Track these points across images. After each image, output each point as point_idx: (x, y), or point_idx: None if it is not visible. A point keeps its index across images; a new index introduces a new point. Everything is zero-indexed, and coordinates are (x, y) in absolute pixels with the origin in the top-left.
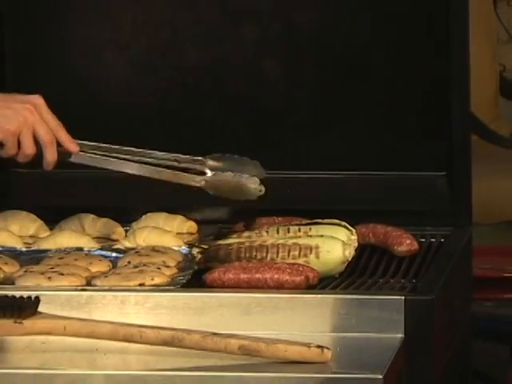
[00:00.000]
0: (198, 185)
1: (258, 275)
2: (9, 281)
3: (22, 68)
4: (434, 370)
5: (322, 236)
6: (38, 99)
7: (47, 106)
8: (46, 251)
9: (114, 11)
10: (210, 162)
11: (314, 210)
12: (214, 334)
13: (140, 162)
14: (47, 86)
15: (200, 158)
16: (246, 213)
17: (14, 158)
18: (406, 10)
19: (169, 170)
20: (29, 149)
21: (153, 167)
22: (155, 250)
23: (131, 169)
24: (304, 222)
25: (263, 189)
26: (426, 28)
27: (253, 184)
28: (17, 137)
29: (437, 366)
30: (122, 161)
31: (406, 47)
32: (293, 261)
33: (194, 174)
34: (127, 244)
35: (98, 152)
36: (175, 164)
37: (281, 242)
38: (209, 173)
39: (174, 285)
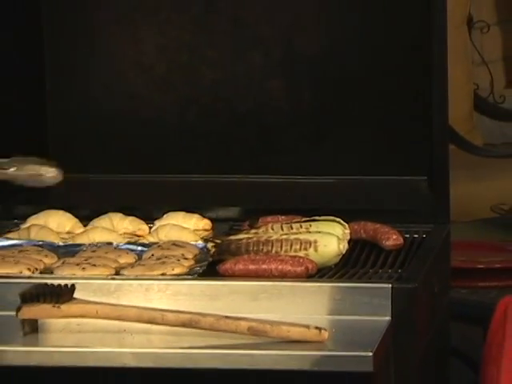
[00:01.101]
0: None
1: (264, 266)
2: (48, 271)
3: (60, 83)
4: (417, 349)
5: (319, 232)
6: None
7: None
8: (80, 245)
9: (139, 37)
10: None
11: (312, 209)
12: (226, 317)
13: None
14: (82, 99)
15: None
16: (254, 212)
17: None
18: (393, 39)
19: None
20: None
21: None
22: (175, 244)
23: None
24: (304, 219)
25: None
26: (412, 53)
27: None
28: None
29: (419, 344)
30: None
31: (393, 70)
32: (294, 254)
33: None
34: (151, 239)
35: None
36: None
37: (284, 237)
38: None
39: (191, 274)
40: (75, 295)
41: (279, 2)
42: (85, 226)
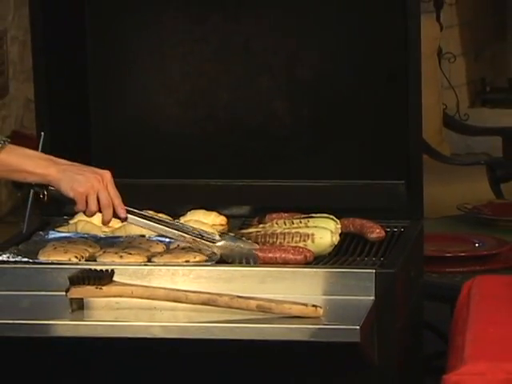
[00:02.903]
0: (216, 251)
1: (270, 254)
2: (92, 258)
3: (102, 105)
4: (396, 323)
5: (316, 226)
6: (106, 173)
7: (112, 180)
8: (118, 237)
9: (167, 65)
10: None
11: (310, 208)
12: (239, 296)
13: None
14: (120, 117)
15: (217, 235)
16: (262, 210)
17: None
18: (376, 68)
19: (198, 239)
20: (92, 207)
21: (186, 235)
22: None
23: (170, 234)
24: (303, 216)
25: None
26: (390, 80)
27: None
28: (85, 197)
29: (398, 319)
30: (162, 226)
31: (376, 94)
32: (295, 244)
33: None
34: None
35: (142, 216)
36: (198, 236)
37: (287, 231)
38: (218, 243)
39: (210, 261)
40: (114, 278)
41: (283, 36)
42: None
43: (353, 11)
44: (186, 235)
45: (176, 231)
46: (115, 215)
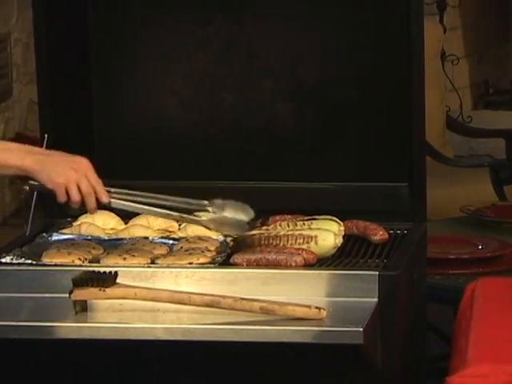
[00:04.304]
0: (205, 225)
1: (273, 257)
2: (96, 260)
3: (105, 108)
4: (399, 325)
5: (319, 228)
6: (84, 160)
7: (91, 166)
8: (122, 239)
9: (170, 68)
10: (213, 206)
11: (313, 210)
12: (242, 298)
13: (161, 206)
14: (124, 119)
15: (206, 201)
16: (265, 212)
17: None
18: (379, 69)
19: (184, 215)
20: (74, 198)
21: (173, 212)
22: (200, 238)
23: (154, 214)
24: (306, 218)
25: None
26: (393, 82)
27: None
28: (64, 188)
29: (401, 321)
30: (147, 207)
31: (379, 96)
32: (298, 246)
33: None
34: (180, 234)
35: (128, 198)
36: (187, 206)
37: (290, 233)
38: (211, 214)
39: (213, 263)
40: (118, 280)
41: (286, 38)
42: (126, 223)
43: (356, 13)
44: (172, 213)
45: (161, 210)
46: (98, 201)
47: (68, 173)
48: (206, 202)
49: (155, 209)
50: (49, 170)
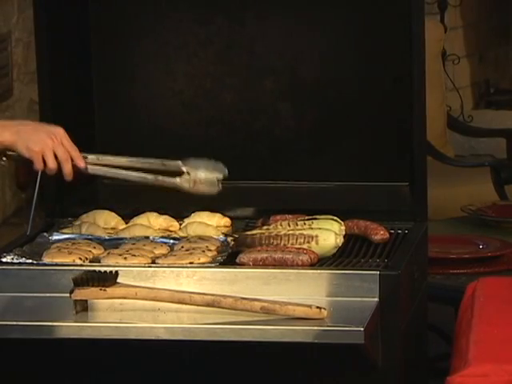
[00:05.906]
0: (179, 185)
1: (280, 255)
2: (96, 260)
3: (106, 107)
4: (400, 324)
5: (320, 228)
6: (59, 129)
7: (66, 135)
8: (122, 239)
9: (171, 67)
10: (187, 166)
11: (314, 209)
12: (243, 298)
13: (137, 169)
14: (125, 119)
15: (179, 162)
16: (266, 212)
17: (45, 171)
18: (380, 69)
19: (160, 177)
20: (51, 165)
21: (147, 175)
22: (201, 238)
23: (130, 177)
24: (307, 218)
25: (220, 186)
26: (394, 82)
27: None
28: (41, 156)
29: (402, 321)
30: (124, 171)
31: (380, 95)
32: (299, 246)
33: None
34: (181, 234)
35: (104, 163)
36: (162, 168)
37: (291, 232)
38: (186, 175)
39: (214, 263)
40: (118, 280)
41: (287, 38)
42: (126, 223)
43: (357, 13)
44: (147, 176)
45: (137, 173)
46: (75, 168)
47: (44, 141)
48: (179, 163)
49: (131, 172)
50: (26, 139)
